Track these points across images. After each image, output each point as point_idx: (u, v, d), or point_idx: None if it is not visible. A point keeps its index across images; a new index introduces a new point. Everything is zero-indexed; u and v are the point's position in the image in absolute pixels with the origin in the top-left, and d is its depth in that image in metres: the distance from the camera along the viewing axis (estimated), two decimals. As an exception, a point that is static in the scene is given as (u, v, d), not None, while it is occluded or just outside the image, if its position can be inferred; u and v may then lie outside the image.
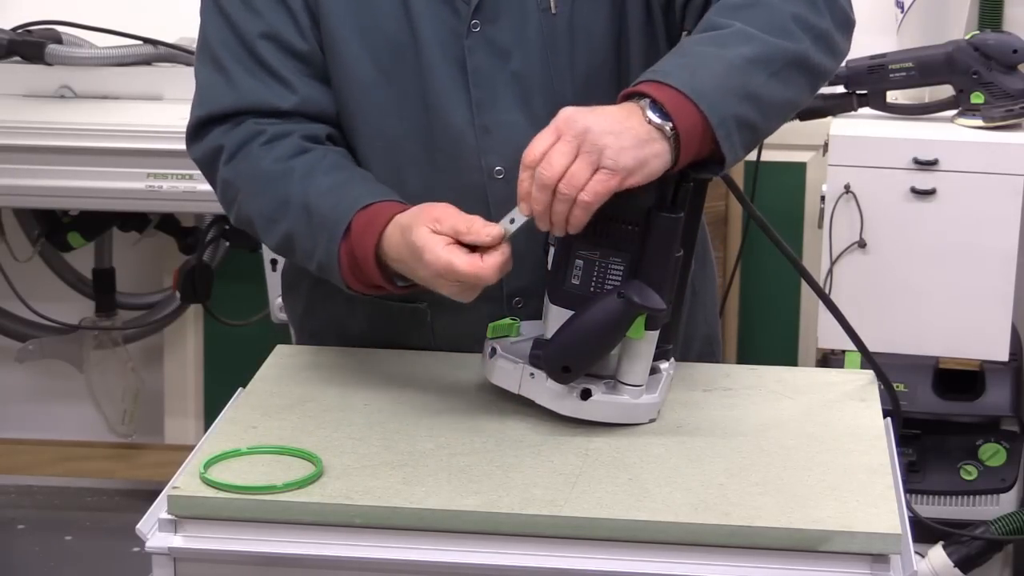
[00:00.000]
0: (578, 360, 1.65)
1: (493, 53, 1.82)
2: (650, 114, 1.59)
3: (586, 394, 1.68)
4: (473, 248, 1.65)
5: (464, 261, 1.64)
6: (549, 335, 1.67)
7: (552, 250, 1.69)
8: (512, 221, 1.65)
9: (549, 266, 1.69)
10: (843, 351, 3.06)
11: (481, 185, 1.84)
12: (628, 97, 1.63)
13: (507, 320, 1.76)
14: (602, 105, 1.62)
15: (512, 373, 1.70)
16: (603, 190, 1.57)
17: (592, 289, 1.65)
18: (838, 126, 3.10)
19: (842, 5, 1.77)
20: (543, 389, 1.68)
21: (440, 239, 1.65)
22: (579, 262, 1.65)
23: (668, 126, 1.59)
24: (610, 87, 1.84)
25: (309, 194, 1.77)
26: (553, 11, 1.82)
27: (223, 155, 1.83)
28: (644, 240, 1.62)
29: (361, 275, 1.75)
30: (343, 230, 1.73)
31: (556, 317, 1.66)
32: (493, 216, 1.83)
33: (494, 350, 1.73)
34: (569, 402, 1.68)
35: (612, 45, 1.85)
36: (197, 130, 1.86)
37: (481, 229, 1.64)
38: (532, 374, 1.69)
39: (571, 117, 1.59)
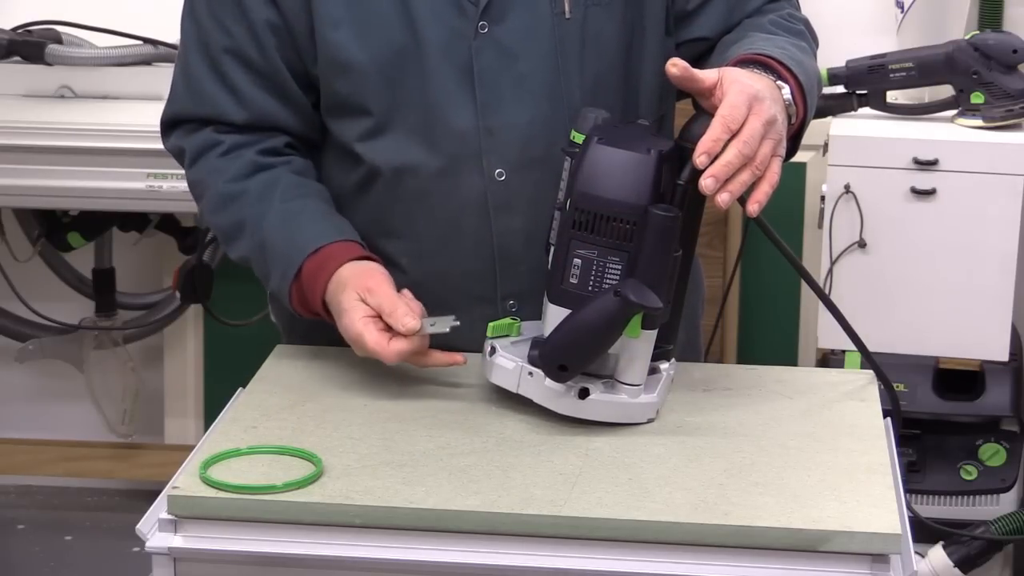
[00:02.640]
0: (574, 358, 1.65)
1: (500, 54, 1.82)
2: (788, 100, 1.72)
3: (584, 393, 1.68)
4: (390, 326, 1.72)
5: (372, 339, 1.72)
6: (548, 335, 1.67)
7: (552, 249, 1.69)
8: (433, 324, 1.71)
9: (548, 266, 1.69)
10: (843, 351, 3.05)
11: (482, 188, 1.84)
12: (758, 63, 1.74)
13: (507, 320, 1.76)
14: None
15: (511, 372, 1.70)
16: (778, 173, 1.68)
17: (590, 288, 1.65)
18: (838, 126, 3.09)
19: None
20: (541, 388, 1.68)
21: (362, 309, 1.73)
22: (577, 261, 1.65)
23: (792, 117, 1.73)
24: (618, 91, 1.87)
25: (263, 226, 1.84)
26: (567, 15, 1.83)
27: (185, 159, 1.93)
28: (642, 239, 1.62)
29: (308, 309, 1.82)
30: (294, 272, 1.80)
31: (555, 316, 1.66)
32: (492, 220, 1.84)
33: (493, 349, 1.73)
34: (567, 401, 1.68)
35: (622, 51, 1.87)
36: (165, 127, 1.97)
37: (401, 318, 1.71)
38: (531, 373, 1.69)
39: (757, 96, 1.66)
